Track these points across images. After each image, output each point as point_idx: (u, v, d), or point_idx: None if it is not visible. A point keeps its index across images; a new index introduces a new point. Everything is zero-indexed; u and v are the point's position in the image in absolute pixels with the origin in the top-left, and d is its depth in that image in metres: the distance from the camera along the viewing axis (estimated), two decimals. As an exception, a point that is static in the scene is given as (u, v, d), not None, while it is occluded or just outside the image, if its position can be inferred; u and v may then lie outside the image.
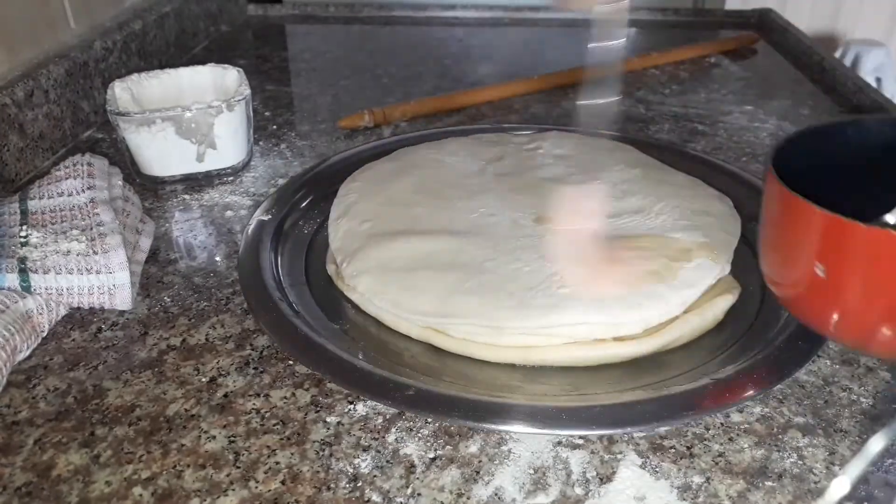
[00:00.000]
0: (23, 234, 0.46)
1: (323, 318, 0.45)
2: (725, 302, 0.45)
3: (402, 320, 0.44)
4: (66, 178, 0.51)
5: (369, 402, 0.39)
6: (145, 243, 0.52)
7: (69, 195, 0.50)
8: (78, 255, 0.45)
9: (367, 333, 0.45)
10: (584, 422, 0.36)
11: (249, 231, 0.52)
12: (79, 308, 0.46)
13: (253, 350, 0.43)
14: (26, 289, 0.44)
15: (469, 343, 0.43)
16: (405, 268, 0.45)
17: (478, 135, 0.63)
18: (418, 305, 0.43)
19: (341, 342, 0.42)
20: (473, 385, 0.40)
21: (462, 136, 0.64)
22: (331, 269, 0.50)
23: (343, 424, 0.38)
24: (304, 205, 0.57)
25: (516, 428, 0.36)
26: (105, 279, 0.45)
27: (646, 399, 0.38)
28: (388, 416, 0.39)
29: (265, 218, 0.53)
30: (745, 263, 0.50)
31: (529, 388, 0.40)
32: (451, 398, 0.38)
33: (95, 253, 0.45)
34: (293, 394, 0.40)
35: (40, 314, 0.44)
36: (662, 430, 0.38)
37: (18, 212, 0.49)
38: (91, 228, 0.47)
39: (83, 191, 0.50)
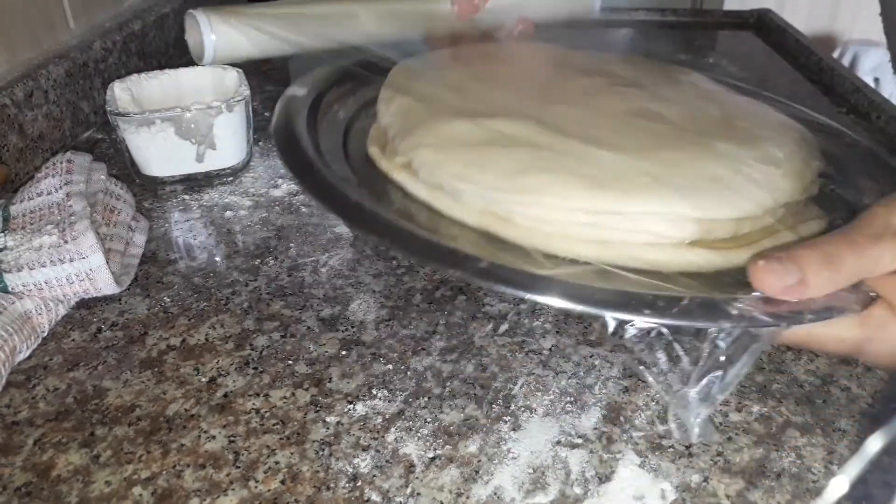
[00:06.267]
0: (0, 243, 0.46)
1: (369, 196, 0.40)
2: (818, 224, 0.40)
3: (458, 203, 0.39)
4: (45, 178, 0.50)
5: (369, 402, 0.40)
6: (140, 239, 0.53)
7: (48, 194, 0.50)
8: (49, 248, 0.45)
9: (415, 219, 0.39)
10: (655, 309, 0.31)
11: (282, 103, 0.47)
12: (78, 307, 0.46)
13: (252, 350, 0.43)
14: (3, 289, 0.44)
15: (536, 233, 0.37)
16: (469, 143, 0.40)
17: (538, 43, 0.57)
18: (485, 179, 0.38)
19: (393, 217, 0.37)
20: None
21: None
22: (373, 150, 0.44)
23: (342, 424, 0.38)
24: (341, 89, 0.51)
25: (615, 314, 0.32)
26: (80, 265, 0.45)
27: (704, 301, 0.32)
28: (387, 416, 0.39)
29: (300, 92, 0.48)
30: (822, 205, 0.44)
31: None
32: (528, 275, 0.33)
33: (66, 242, 0.45)
34: (293, 393, 0.40)
35: (39, 314, 0.44)
36: (661, 428, 0.38)
37: (0, 220, 0.49)
38: (63, 220, 0.47)
39: (60, 187, 0.50)
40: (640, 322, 0.31)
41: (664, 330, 0.32)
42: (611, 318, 0.32)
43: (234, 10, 0.66)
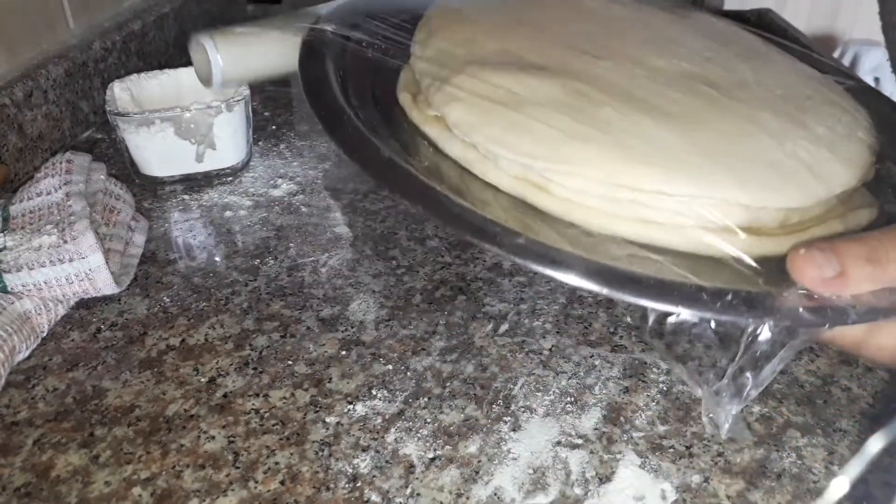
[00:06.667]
0: (0, 243, 0.46)
1: (399, 149, 0.37)
2: (868, 214, 0.38)
3: (493, 167, 0.37)
4: (45, 178, 0.50)
5: (368, 403, 0.39)
6: (139, 239, 0.53)
7: (47, 194, 0.50)
8: (49, 248, 0.45)
9: (446, 178, 0.37)
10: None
11: (309, 38, 0.44)
12: (77, 307, 0.46)
13: (252, 350, 0.43)
14: (2, 289, 0.44)
15: (573, 205, 0.35)
16: (508, 102, 0.37)
17: None
18: (522, 146, 0.36)
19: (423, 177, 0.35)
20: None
21: None
22: (404, 97, 0.42)
23: (342, 424, 0.38)
24: (370, 25, 0.47)
25: (656, 305, 0.30)
26: (80, 265, 0.45)
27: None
28: (387, 417, 0.39)
29: (328, 28, 0.44)
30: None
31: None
32: (568, 255, 0.31)
33: (66, 242, 0.45)
34: (292, 394, 0.40)
35: (39, 314, 0.44)
36: (661, 429, 0.38)
37: (0, 220, 0.49)
38: (63, 220, 0.47)
39: (60, 187, 0.50)
40: (683, 315, 0.30)
41: (712, 323, 0.31)
42: (651, 308, 0.31)
43: (239, 31, 0.63)
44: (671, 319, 0.31)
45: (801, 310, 0.30)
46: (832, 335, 0.32)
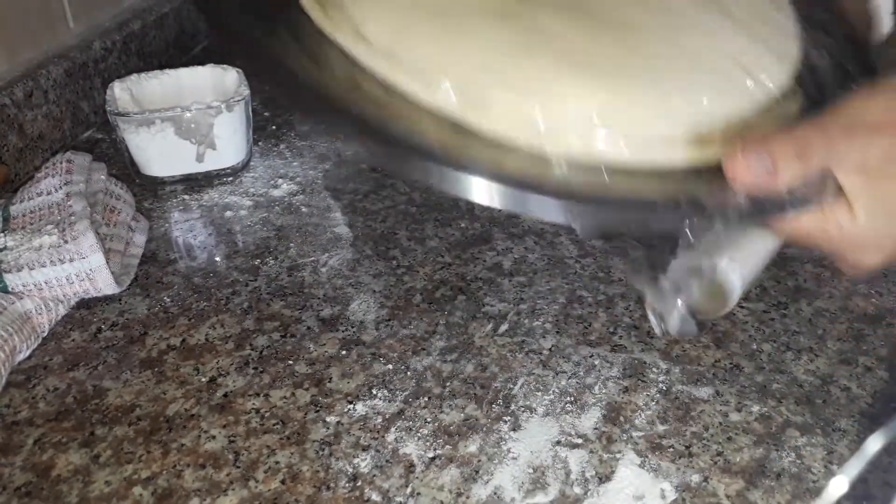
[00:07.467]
0: (0, 243, 0.46)
1: (311, 66, 0.33)
2: (796, 101, 0.37)
3: (422, 85, 0.32)
4: (45, 178, 0.51)
5: (369, 402, 0.40)
6: (140, 239, 0.53)
7: (48, 194, 0.50)
8: (50, 248, 0.45)
9: (361, 93, 0.32)
10: None
11: None
12: (78, 307, 0.46)
13: (252, 350, 0.43)
14: (3, 289, 0.44)
15: (515, 122, 0.32)
16: (437, 11, 0.33)
17: None
18: (457, 66, 0.32)
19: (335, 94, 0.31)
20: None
21: None
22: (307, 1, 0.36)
23: (342, 424, 0.38)
24: None
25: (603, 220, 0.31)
26: (80, 265, 0.45)
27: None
28: (387, 416, 0.39)
29: None
30: None
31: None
32: (526, 184, 0.30)
33: (66, 242, 0.45)
34: (293, 393, 0.40)
35: (39, 314, 0.44)
36: (661, 428, 0.38)
37: (0, 220, 0.49)
38: (63, 220, 0.47)
39: (60, 187, 0.50)
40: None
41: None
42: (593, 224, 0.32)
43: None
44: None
45: (742, 205, 0.31)
46: (806, 233, 0.33)
